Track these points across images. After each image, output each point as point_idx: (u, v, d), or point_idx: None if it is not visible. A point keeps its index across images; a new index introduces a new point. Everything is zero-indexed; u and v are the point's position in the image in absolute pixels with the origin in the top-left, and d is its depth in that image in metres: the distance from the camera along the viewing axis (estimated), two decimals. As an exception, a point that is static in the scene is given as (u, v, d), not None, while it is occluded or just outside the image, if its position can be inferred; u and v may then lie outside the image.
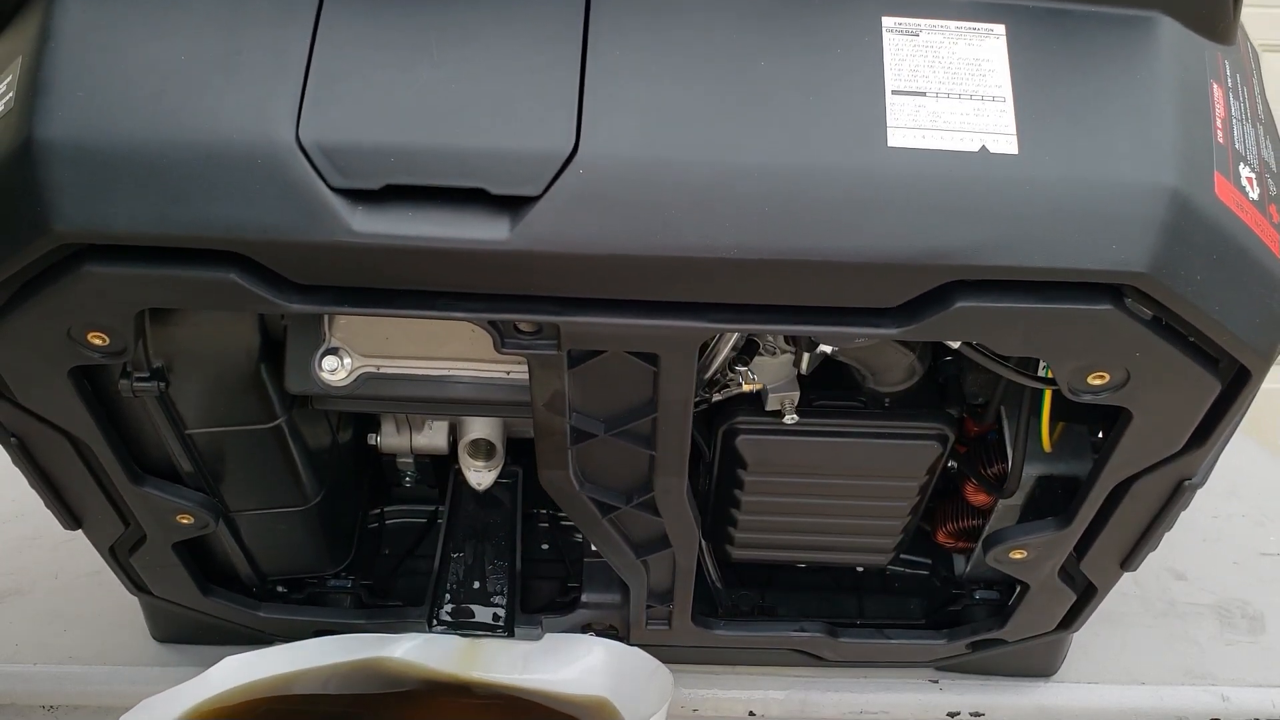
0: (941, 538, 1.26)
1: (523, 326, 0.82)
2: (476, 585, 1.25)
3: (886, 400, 1.03)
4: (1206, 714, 1.30)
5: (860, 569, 1.32)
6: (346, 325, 0.92)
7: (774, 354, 0.95)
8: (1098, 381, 0.84)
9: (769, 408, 1.01)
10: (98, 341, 0.84)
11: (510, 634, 1.21)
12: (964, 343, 0.86)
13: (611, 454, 0.94)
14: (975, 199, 0.76)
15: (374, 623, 1.21)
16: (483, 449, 1.22)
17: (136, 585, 1.18)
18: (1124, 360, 0.82)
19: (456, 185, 0.75)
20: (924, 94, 0.78)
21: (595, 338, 0.82)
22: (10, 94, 0.79)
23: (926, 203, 0.76)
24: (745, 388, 1.00)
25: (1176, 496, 0.97)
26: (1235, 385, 0.85)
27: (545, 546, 1.34)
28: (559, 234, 0.75)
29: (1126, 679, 1.31)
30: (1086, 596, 1.13)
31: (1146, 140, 0.77)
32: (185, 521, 1.05)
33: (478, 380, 0.93)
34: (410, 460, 1.30)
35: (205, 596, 1.17)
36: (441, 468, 1.32)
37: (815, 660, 1.26)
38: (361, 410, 1.03)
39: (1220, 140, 0.82)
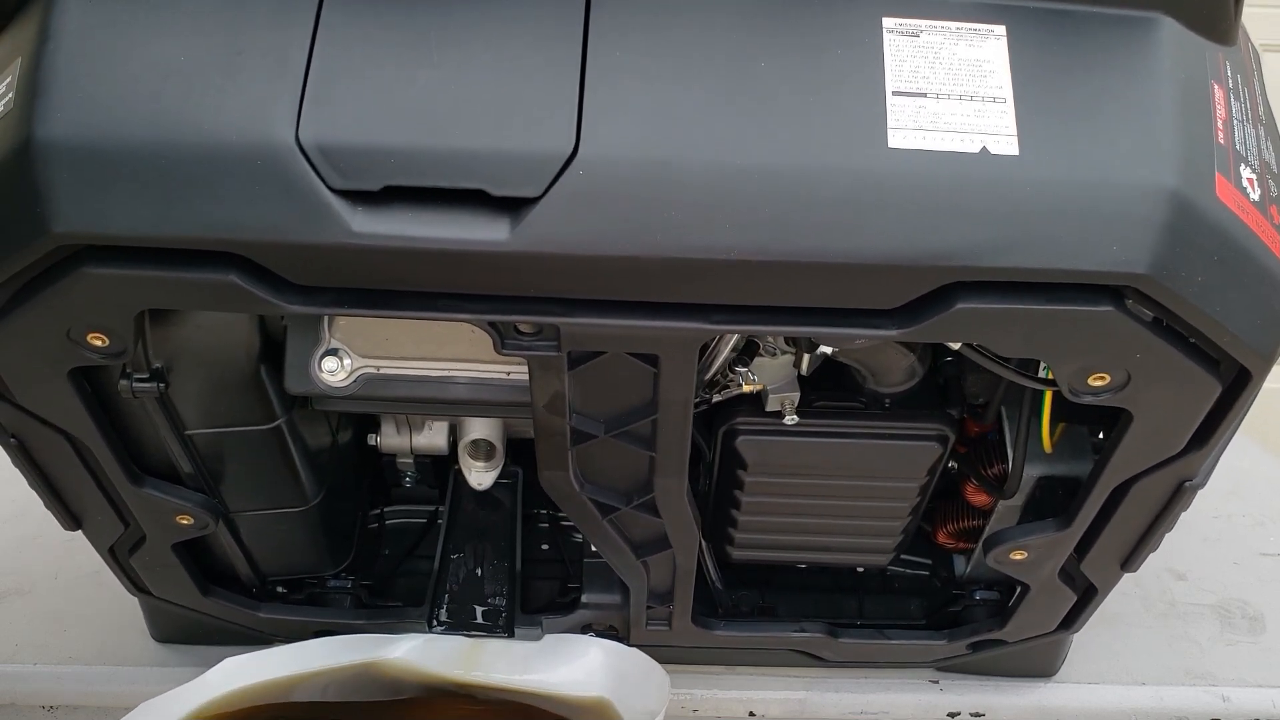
0: (942, 538, 1.26)
1: (523, 328, 0.82)
2: (476, 586, 1.25)
3: (887, 401, 1.03)
4: (1207, 714, 1.30)
5: (860, 570, 1.31)
6: (346, 325, 0.91)
7: (774, 355, 0.95)
8: (1098, 383, 0.84)
9: (769, 408, 1.01)
10: (97, 343, 0.84)
11: (510, 634, 1.21)
12: (965, 344, 0.85)
13: (611, 455, 0.94)
14: (976, 200, 0.75)
15: (374, 623, 1.21)
16: (483, 449, 1.22)
17: (136, 586, 1.18)
18: (1124, 362, 0.82)
19: (456, 186, 0.75)
20: (924, 95, 0.78)
21: (595, 339, 0.82)
22: (10, 95, 0.78)
23: (927, 204, 0.75)
24: (745, 389, 1.00)
25: (1177, 498, 0.96)
26: (1236, 386, 0.85)
27: (545, 547, 1.34)
28: (559, 235, 0.75)
29: (1127, 679, 1.31)
30: (1087, 597, 1.13)
31: (1147, 142, 0.77)
32: (185, 522, 1.04)
33: (478, 381, 0.93)
34: (410, 460, 1.30)
35: (205, 597, 1.17)
36: (442, 467, 1.32)
37: (815, 661, 1.26)
38: (361, 411, 1.03)
39: (1221, 141, 0.81)
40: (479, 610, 1.23)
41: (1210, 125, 0.81)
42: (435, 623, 1.21)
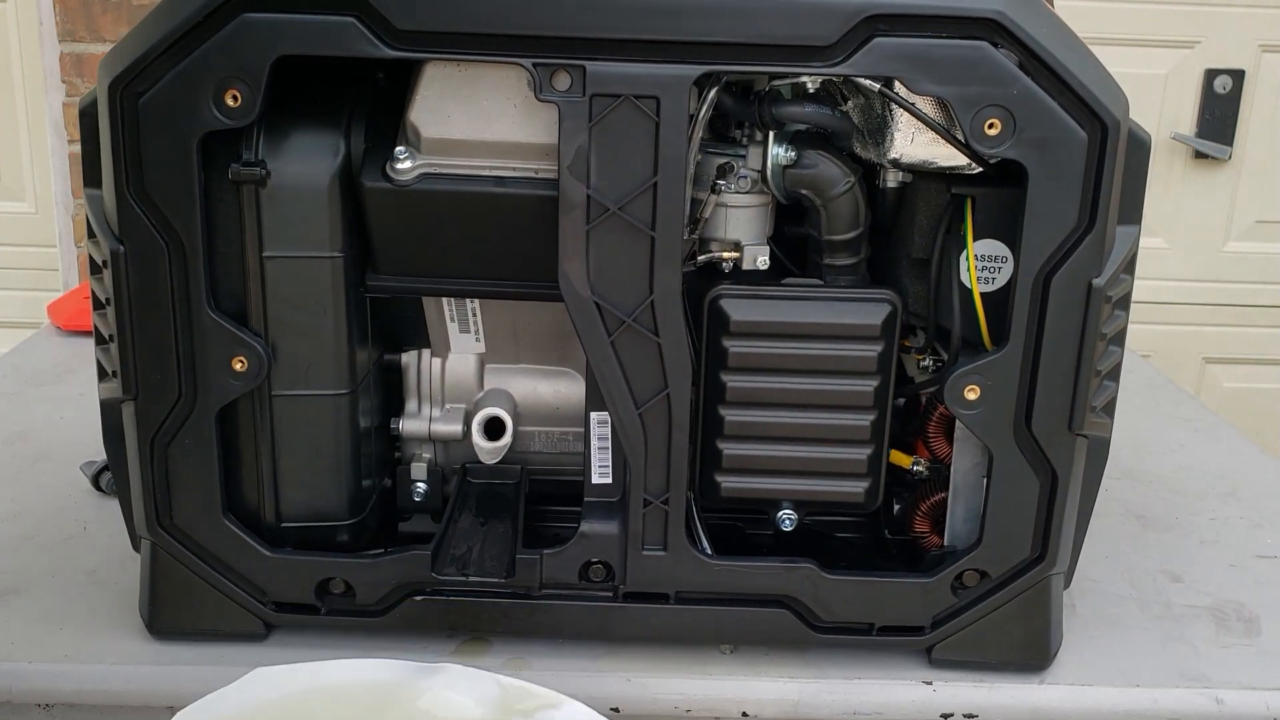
0: (918, 525, 1.36)
1: (557, 84, 1.11)
2: (478, 543, 1.32)
3: (843, 282, 1.25)
4: (1201, 717, 1.29)
5: None
6: (419, 106, 1.18)
7: (747, 185, 1.20)
8: (993, 131, 1.11)
9: (745, 266, 1.23)
10: (231, 102, 1.11)
11: (511, 574, 1.26)
12: (885, 88, 1.13)
13: (618, 245, 1.15)
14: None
15: (380, 560, 1.26)
16: (494, 426, 1.37)
17: (159, 519, 1.25)
18: (1004, 96, 1.09)
19: None
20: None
21: (613, 79, 1.10)
22: None
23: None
24: (725, 256, 1.24)
25: (1092, 305, 1.15)
26: (1101, 145, 1.11)
27: None
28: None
29: (1121, 681, 1.32)
30: (1051, 491, 1.22)
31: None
32: (239, 368, 1.19)
33: (514, 178, 1.18)
34: (424, 465, 1.43)
35: (224, 518, 1.24)
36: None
37: (805, 629, 1.28)
38: (408, 281, 1.24)
39: None
40: (482, 557, 1.29)
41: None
42: (440, 569, 1.26)
